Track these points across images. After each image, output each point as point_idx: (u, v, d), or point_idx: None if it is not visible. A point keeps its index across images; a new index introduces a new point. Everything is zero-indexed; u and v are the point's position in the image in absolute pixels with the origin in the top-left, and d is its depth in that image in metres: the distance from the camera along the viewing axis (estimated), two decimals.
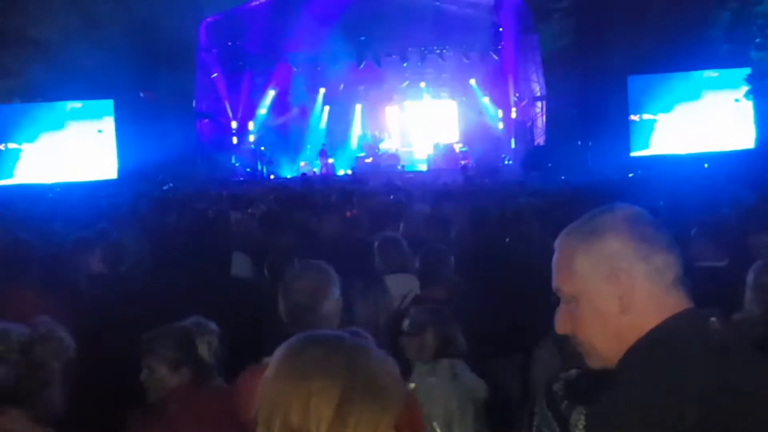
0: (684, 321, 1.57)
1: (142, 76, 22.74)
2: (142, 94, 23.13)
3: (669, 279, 1.60)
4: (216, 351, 3.28)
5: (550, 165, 20.48)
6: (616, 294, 1.61)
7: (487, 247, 5.81)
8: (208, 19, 25.44)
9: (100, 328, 3.87)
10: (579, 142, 22.07)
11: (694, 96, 23.81)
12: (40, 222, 7.43)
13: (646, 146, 23.83)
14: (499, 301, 4.70)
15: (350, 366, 1.60)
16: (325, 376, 1.58)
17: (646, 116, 24.20)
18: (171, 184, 21.05)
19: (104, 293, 4.35)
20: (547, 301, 1.82)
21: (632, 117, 24.13)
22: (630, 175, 16.77)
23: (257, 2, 25.22)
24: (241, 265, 5.07)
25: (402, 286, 4.89)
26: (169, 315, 3.41)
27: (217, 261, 4.73)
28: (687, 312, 1.59)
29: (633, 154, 23.76)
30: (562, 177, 17.30)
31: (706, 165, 18.67)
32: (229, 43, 26.50)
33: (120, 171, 23.95)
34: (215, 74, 26.36)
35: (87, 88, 23.57)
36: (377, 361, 1.66)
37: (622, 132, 23.77)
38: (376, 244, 5.21)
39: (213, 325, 3.36)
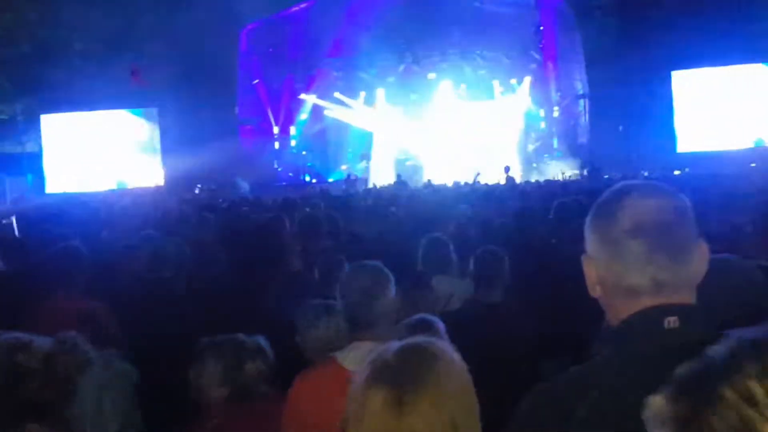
0: (637, 321, 1.58)
1: (185, 85, 23.04)
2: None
3: (631, 283, 1.59)
4: (264, 376, 3.26)
5: (595, 164, 20.25)
6: (592, 278, 1.66)
7: (534, 247, 5.74)
8: (249, 27, 25.67)
9: (146, 333, 3.90)
10: (624, 140, 21.81)
11: (739, 90, 23.40)
12: (89, 229, 7.53)
13: (692, 142, 23.46)
14: (549, 303, 4.62)
15: (447, 378, 1.67)
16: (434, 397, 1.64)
17: (691, 112, 23.86)
18: (200, 186, 21.30)
19: (149, 299, 4.38)
20: (595, 302, 1.81)
21: (677, 113, 23.81)
22: (676, 172, 16.51)
23: (297, 8, 25.38)
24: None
25: (445, 287, 4.85)
26: (214, 324, 3.41)
27: (269, 266, 4.73)
28: (646, 310, 1.57)
29: (679, 150, 23.43)
30: (606, 176, 17.07)
31: (753, 164, 18.30)
32: (270, 50, 26.70)
33: (165, 178, 24.31)
34: (257, 80, 26.59)
35: (131, 97, 24.00)
36: (460, 365, 1.73)
37: (667, 128, 23.44)
38: (422, 244, 5.17)
39: (267, 350, 3.33)
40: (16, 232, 8.73)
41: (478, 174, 18.05)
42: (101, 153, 24.83)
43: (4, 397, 2.15)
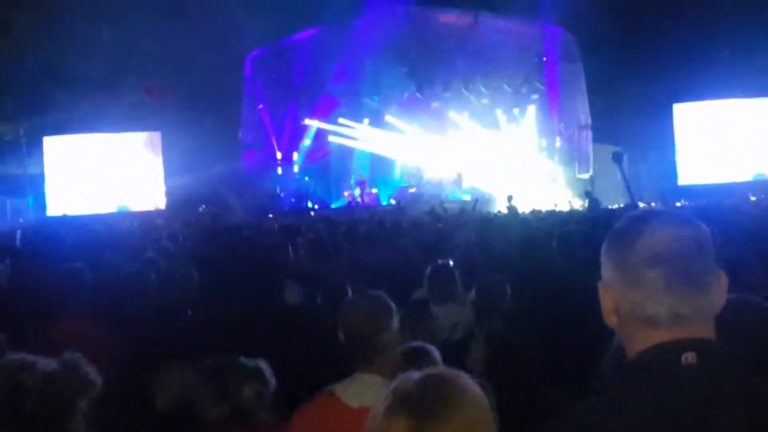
0: (653, 356, 1.56)
1: (189, 109, 23.14)
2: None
3: (649, 314, 1.57)
4: (263, 400, 3.23)
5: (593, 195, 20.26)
6: (609, 306, 1.64)
7: (537, 275, 5.73)
8: (254, 52, 25.84)
9: (151, 356, 3.89)
10: (625, 172, 21.80)
11: (740, 123, 23.52)
12: (90, 252, 7.54)
13: (692, 175, 23.54)
14: (552, 332, 4.60)
15: (472, 404, 1.70)
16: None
17: (691, 145, 23.96)
18: (204, 207, 21.31)
19: (156, 322, 4.39)
20: (599, 331, 1.80)
21: (678, 146, 23.91)
22: (678, 203, 16.52)
23: (302, 35, 25.56)
24: (291, 294, 5.08)
25: (450, 315, 4.84)
26: (221, 344, 3.41)
27: (271, 290, 4.74)
28: (663, 345, 1.55)
29: (680, 183, 23.48)
30: (607, 206, 17.05)
31: (753, 198, 18.30)
32: (274, 76, 26.85)
33: (167, 201, 24.34)
34: (260, 106, 26.72)
35: (135, 120, 24.11)
36: (480, 395, 1.74)
37: (669, 161, 23.51)
38: (427, 271, 5.16)
39: (267, 374, 3.30)
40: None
41: (477, 200, 18.05)
42: (103, 176, 24.88)
43: (7, 415, 2.27)
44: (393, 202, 24.47)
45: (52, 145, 25.09)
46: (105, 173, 24.85)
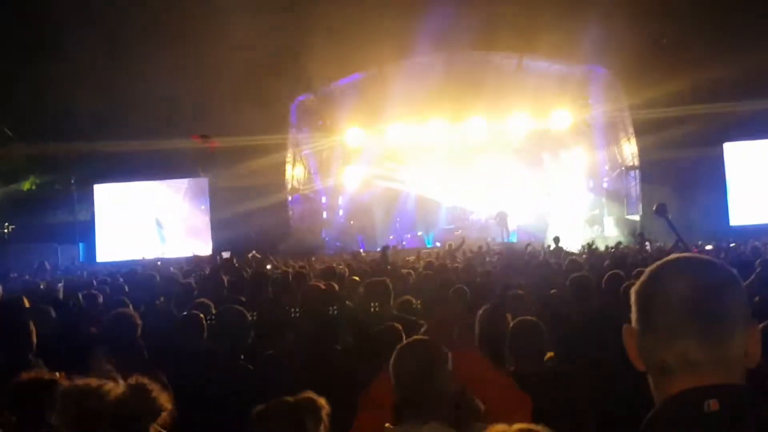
0: (675, 405, 1.50)
1: (236, 155, 23.47)
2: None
3: (659, 359, 1.53)
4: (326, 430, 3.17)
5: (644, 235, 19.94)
6: (631, 350, 1.59)
7: (590, 320, 5.61)
8: (300, 99, 26.18)
9: (205, 402, 3.87)
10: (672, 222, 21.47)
11: None
12: (142, 297, 7.62)
13: (745, 215, 23.07)
14: (600, 380, 4.42)
15: None
16: None
17: (743, 184, 23.53)
18: (253, 253, 21.43)
19: (207, 368, 4.36)
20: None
21: (730, 185, 23.51)
22: (732, 245, 16.18)
23: (348, 81, 25.83)
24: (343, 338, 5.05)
25: None
26: (274, 390, 3.36)
27: (328, 336, 4.70)
28: (683, 393, 1.49)
29: (732, 223, 23.02)
30: (651, 245, 16.75)
31: None
32: (320, 122, 27.13)
33: (213, 247, 24.55)
34: (306, 151, 26.99)
35: (182, 167, 24.51)
36: None
37: (720, 201, 23.10)
38: (477, 316, 5.08)
39: (323, 402, 3.25)
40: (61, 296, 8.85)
41: (529, 244, 17.85)
42: (151, 222, 25.29)
43: None
44: (438, 244, 24.37)
45: (103, 192, 25.59)
46: (153, 219, 25.25)
